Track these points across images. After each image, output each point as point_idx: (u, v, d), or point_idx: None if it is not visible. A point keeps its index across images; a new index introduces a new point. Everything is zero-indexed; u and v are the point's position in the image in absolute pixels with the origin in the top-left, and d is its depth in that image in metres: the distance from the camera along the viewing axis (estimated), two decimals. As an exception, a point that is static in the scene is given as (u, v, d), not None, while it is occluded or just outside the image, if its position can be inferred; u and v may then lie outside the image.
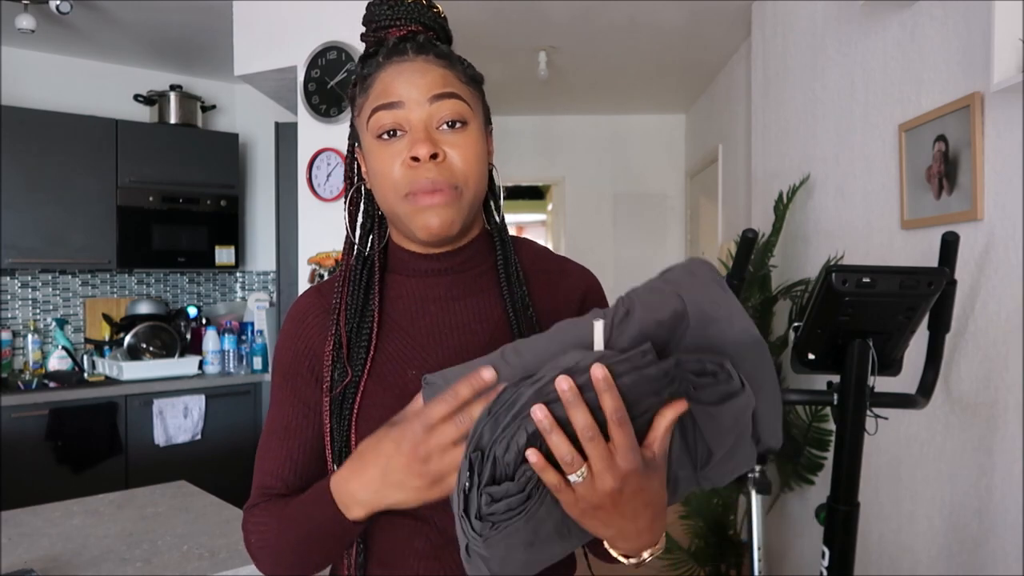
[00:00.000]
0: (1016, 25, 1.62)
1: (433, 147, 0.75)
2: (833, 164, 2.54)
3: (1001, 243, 1.71)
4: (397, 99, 0.76)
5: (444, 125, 0.77)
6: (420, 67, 0.78)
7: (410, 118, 0.76)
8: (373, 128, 0.78)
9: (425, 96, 0.76)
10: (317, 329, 0.85)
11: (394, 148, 0.77)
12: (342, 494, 0.72)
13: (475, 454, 0.61)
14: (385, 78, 0.78)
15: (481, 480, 0.61)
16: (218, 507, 1.79)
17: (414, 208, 0.77)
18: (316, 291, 0.89)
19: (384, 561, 0.81)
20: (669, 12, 3.47)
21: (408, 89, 0.76)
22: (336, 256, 2.98)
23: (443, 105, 0.77)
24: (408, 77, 0.77)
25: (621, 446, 0.58)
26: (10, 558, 1.45)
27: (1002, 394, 1.71)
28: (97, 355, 3.80)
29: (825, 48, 2.58)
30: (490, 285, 0.86)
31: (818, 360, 1.61)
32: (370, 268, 0.85)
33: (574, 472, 0.58)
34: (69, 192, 3.61)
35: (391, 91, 0.77)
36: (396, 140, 0.77)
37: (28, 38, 3.64)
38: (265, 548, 0.80)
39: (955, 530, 1.88)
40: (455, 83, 0.79)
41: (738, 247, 1.82)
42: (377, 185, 0.80)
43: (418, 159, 0.75)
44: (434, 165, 0.75)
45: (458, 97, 0.78)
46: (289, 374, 0.85)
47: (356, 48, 2.93)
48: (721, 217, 4.34)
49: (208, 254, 4.05)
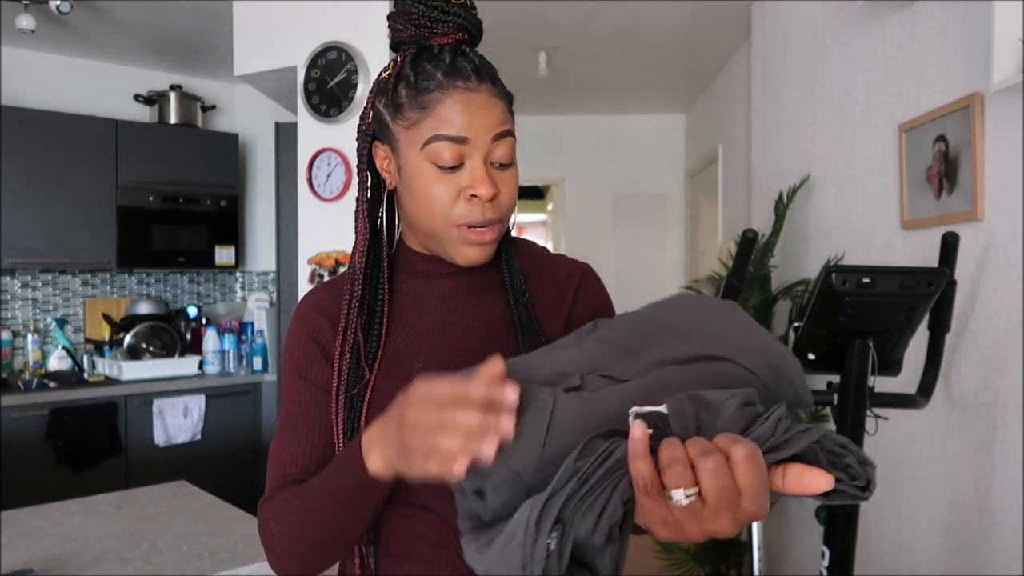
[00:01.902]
0: (1016, 25, 1.62)
1: (494, 188, 0.78)
2: (833, 164, 2.54)
3: (1001, 243, 1.71)
4: (464, 135, 0.77)
5: (497, 165, 0.80)
6: (486, 101, 0.79)
7: (471, 154, 0.78)
8: (431, 154, 0.78)
9: (489, 134, 0.78)
10: (327, 321, 0.86)
11: (452, 180, 0.78)
12: (365, 441, 0.71)
13: (556, 528, 0.54)
14: (451, 105, 0.77)
15: (563, 553, 0.55)
16: (218, 507, 1.79)
17: (462, 239, 0.80)
18: (325, 287, 0.90)
19: (394, 552, 0.82)
20: (669, 12, 3.47)
21: (475, 126, 0.77)
22: (336, 256, 2.98)
23: (501, 144, 0.79)
24: (476, 111, 0.78)
25: (752, 489, 0.52)
26: (10, 558, 1.45)
27: (1002, 394, 1.71)
28: (97, 355, 3.80)
29: (825, 48, 2.58)
30: (494, 284, 0.88)
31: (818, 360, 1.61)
32: (380, 268, 0.87)
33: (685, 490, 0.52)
34: (69, 192, 3.61)
35: (457, 123, 0.77)
36: (456, 173, 0.78)
37: (28, 38, 3.64)
38: (285, 530, 0.78)
39: (955, 530, 1.88)
40: (508, 117, 0.81)
41: (738, 247, 1.82)
42: (423, 206, 0.80)
43: (478, 197, 0.78)
44: (490, 204, 0.79)
45: (512, 135, 0.81)
46: (302, 364, 0.85)
47: (356, 48, 2.93)
48: (721, 217, 4.34)
49: (208, 254, 4.04)
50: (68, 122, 3.63)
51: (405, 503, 0.80)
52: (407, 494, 0.79)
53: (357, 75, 2.92)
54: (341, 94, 2.96)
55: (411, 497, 0.79)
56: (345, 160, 2.96)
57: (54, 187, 3.57)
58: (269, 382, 3.95)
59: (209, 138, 4.09)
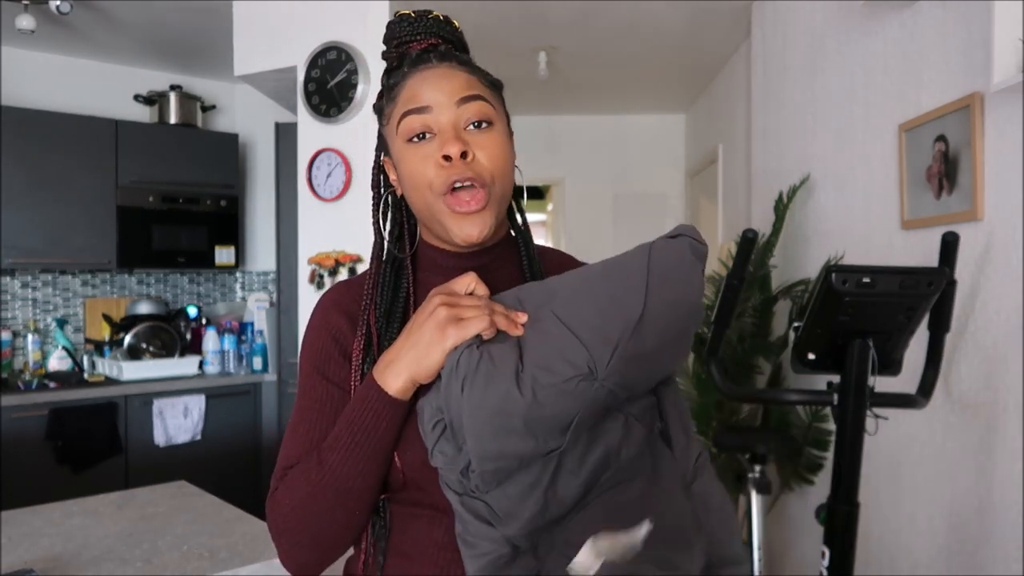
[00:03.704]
0: (1016, 25, 1.62)
1: (463, 146, 0.79)
2: (833, 164, 2.54)
3: (1001, 243, 1.71)
4: (425, 103, 0.81)
5: (471, 126, 0.81)
6: (445, 72, 0.82)
7: (439, 120, 0.81)
8: (403, 132, 0.82)
9: (452, 99, 0.81)
10: (346, 318, 0.87)
11: (425, 150, 0.81)
12: (379, 368, 0.77)
13: None
14: (412, 85, 0.82)
15: None
16: (218, 507, 1.79)
17: (450, 211, 0.80)
18: (345, 285, 0.92)
19: (404, 552, 0.81)
20: (669, 12, 3.47)
21: (435, 93, 0.81)
22: (336, 256, 2.99)
23: (469, 107, 0.81)
24: (434, 82, 0.81)
25: None
26: (10, 558, 1.45)
27: (1002, 394, 1.71)
28: (97, 355, 3.80)
29: (825, 48, 2.58)
30: (514, 280, 0.89)
31: (818, 360, 1.61)
32: (398, 271, 0.88)
33: None
34: (69, 192, 3.61)
35: (419, 96, 0.81)
36: (426, 143, 0.81)
37: (28, 38, 3.63)
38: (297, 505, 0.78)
39: (955, 530, 1.88)
40: (479, 86, 0.84)
41: (738, 247, 1.82)
42: (410, 187, 0.83)
43: (450, 158, 0.79)
44: (464, 164, 0.79)
45: (483, 99, 0.83)
46: (320, 360, 0.86)
47: (356, 48, 2.93)
48: (721, 217, 4.34)
49: (208, 254, 4.04)
50: (68, 122, 3.63)
51: (417, 504, 0.80)
52: (419, 494, 0.79)
53: (357, 75, 2.92)
54: (341, 94, 2.96)
55: (424, 498, 0.79)
56: (345, 160, 2.96)
57: (54, 187, 3.57)
58: (269, 382, 3.95)
59: (209, 138, 4.09)
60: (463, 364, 0.68)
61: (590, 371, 0.66)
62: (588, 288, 0.72)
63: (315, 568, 0.81)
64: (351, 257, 2.97)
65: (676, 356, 0.73)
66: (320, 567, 0.81)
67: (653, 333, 0.68)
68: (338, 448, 0.76)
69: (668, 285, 0.71)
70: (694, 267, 0.74)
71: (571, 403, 0.65)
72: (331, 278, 3.00)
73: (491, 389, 0.66)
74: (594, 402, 0.66)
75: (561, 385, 0.66)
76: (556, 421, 0.65)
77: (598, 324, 0.68)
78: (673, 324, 0.70)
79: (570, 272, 0.79)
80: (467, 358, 0.68)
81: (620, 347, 0.67)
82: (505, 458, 0.66)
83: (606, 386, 0.67)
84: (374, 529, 0.82)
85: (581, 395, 0.66)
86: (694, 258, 0.74)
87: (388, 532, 0.82)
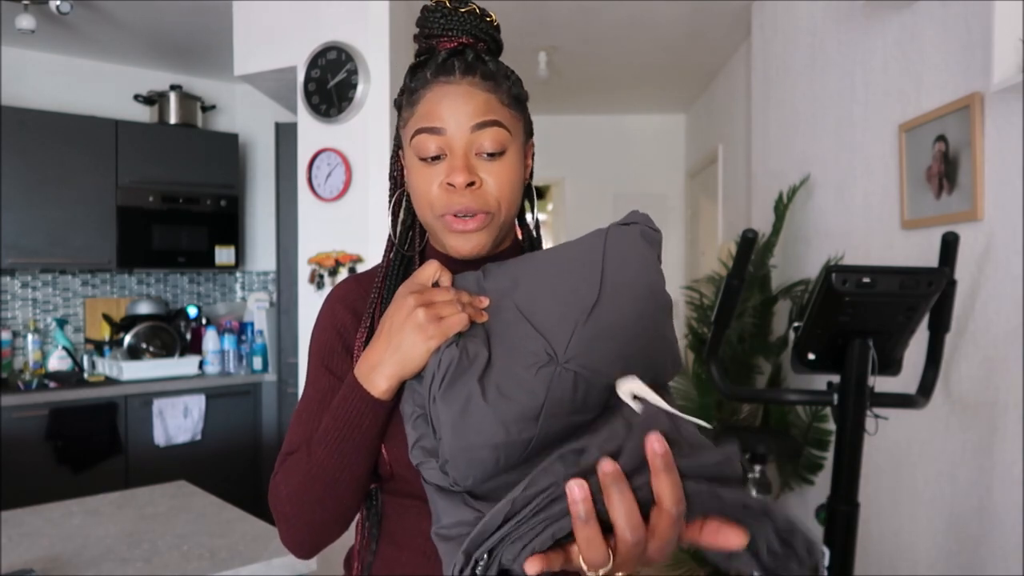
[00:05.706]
0: (1016, 25, 1.62)
1: (470, 176, 0.79)
2: (833, 164, 2.54)
3: (1001, 243, 1.71)
4: (440, 125, 0.80)
5: (484, 156, 0.80)
6: (465, 92, 0.80)
7: (452, 144, 0.80)
8: (416, 148, 0.81)
9: (467, 124, 0.79)
10: (351, 314, 0.89)
11: (434, 171, 0.81)
12: (363, 371, 0.77)
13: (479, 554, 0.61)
14: (431, 99, 0.81)
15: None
16: (218, 507, 1.79)
17: (448, 229, 0.81)
18: (355, 280, 0.93)
19: (395, 541, 0.85)
20: (669, 12, 3.47)
21: (451, 116, 0.79)
22: (336, 256, 2.99)
23: (484, 134, 0.80)
24: (452, 102, 0.80)
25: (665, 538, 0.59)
26: (10, 558, 1.45)
27: (1002, 394, 1.71)
28: (97, 355, 3.80)
29: (825, 48, 2.58)
30: None
31: (818, 360, 1.61)
32: (407, 268, 0.90)
33: (598, 571, 0.59)
34: (69, 192, 3.61)
35: (435, 114, 0.80)
36: (437, 164, 0.81)
37: (28, 38, 3.64)
38: (294, 494, 0.81)
39: (955, 530, 1.88)
40: (497, 108, 0.81)
41: (738, 247, 1.82)
42: (415, 199, 0.84)
43: (454, 186, 0.79)
44: (469, 192, 0.79)
45: (499, 124, 0.81)
46: (325, 353, 0.88)
47: (356, 48, 2.93)
48: (721, 217, 4.34)
49: (208, 254, 4.04)
50: (68, 122, 3.63)
51: (407, 495, 0.82)
52: (407, 486, 0.81)
53: (357, 75, 2.92)
54: (341, 94, 2.96)
55: (413, 490, 0.81)
56: (345, 160, 2.96)
57: (54, 187, 3.57)
58: (269, 382, 3.95)
59: (209, 138, 4.09)
60: (445, 362, 0.71)
61: (549, 357, 0.69)
62: (546, 278, 0.75)
63: (311, 548, 0.84)
64: (351, 257, 2.97)
65: (644, 337, 0.73)
66: (316, 548, 0.84)
67: (609, 312, 0.71)
68: (326, 442, 0.79)
69: (622, 269, 0.74)
70: (648, 251, 0.76)
71: (537, 389, 0.68)
72: (331, 278, 3.00)
73: (462, 383, 0.69)
74: (561, 388, 0.68)
75: (522, 373, 0.69)
76: (524, 410, 0.68)
77: (557, 312, 0.72)
78: (629, 305, 0.72)
79: (529, 257, 0.80)
80: (448, 356, 0.71)
81: (577, 330, 0.70)
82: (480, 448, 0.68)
83: (569, 368, 0.69)
84: (368, 516, 0.86)
85: (544, 381, 0.68)
86: (646, 243, 0.77)
87: (380, 519, 0.86)
